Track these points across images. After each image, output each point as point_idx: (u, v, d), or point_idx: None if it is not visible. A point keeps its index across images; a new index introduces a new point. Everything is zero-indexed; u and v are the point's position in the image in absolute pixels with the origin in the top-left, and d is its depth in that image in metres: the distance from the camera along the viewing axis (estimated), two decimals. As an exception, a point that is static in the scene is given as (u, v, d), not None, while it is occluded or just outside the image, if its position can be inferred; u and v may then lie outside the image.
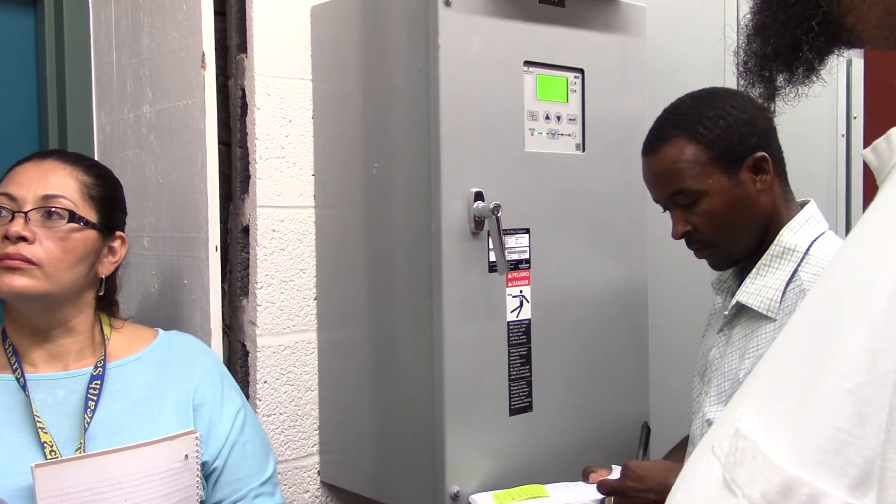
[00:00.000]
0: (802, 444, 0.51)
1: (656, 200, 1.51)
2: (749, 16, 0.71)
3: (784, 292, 1.38)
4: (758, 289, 1.41)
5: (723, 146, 1.41)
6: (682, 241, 1.48)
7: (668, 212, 1.49)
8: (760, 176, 1.42)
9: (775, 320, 1.38)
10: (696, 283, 2.12)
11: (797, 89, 0.71)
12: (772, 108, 1.44)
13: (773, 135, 1.46)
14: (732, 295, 1.48)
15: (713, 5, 2.06)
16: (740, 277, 1.49)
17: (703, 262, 1.50)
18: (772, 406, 0.55)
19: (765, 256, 1.42)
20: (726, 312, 1.48)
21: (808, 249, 1.40)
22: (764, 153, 1.42)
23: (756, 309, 1.40)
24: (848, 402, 0.50)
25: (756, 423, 0.54)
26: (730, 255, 1.47)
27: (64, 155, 1.41)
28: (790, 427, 0.53)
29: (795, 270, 1.39)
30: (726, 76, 2.16)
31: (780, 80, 0.70)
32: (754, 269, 1.43)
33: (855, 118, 2.81)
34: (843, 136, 2.79)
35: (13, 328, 1.34)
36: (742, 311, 1.45)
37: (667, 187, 1.45)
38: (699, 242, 1.46)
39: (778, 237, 1.42)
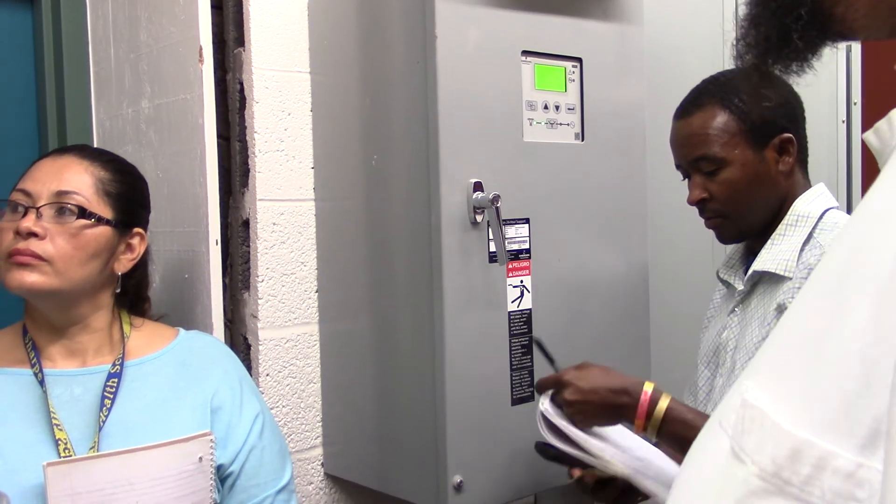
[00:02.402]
0: (811, 408, 0.52)
1: (678, 165, 1.53)
2: (744, 6, 0.71)
3: (800, 253, 1.40)
4: (774, 255, 1.43)
5: (754, 120, 1.44)
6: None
7: (686, 181, 1.51)
8: (784, 157, 1.44)
9: (791, 279, 1.39)
10: (697, 272, 2.12)
11: (791, 79, 0.71)
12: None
13: (803, 123, 1.48)
14: (742, 279, 1.49)
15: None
16: (748, 261, 1.50)
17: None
18: (779, 375, 0.55)
19: (779, 227, 1.44)
20: (740, 289, 1.49)
21: (821, 216, 1.41)
22: (791, 136, 1.44)
23: (773, 271, 1.41)
24: (855, 364, 0.50)
25: (763, 393, 0.55)
26: (740, 228, 1.49)
27: (83, 150, 1.39)
28: (798, 392, 0.53)
29: (810, 235, 1.41)
30: (724, 64, 2.16)
31: (777, 70, 0.70)
32: (769, 241, 1.45)
33: (855, 104, 2.81)
34: (843, 121, 2.79)
35: (32, 324, 1.34)
36: (757, 284, 1.46)
37: (692, 151, 1.48)
38: (712, 212, 1.49)
39: (791, 208, 1.44)
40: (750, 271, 1.46)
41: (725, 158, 1.44)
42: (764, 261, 1.44)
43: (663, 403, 1.30)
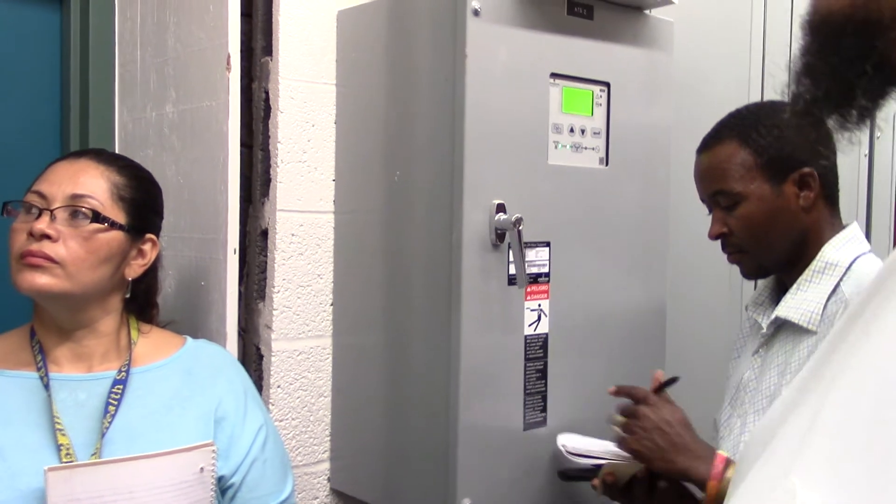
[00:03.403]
0: None
1: (702, 199, 1.52)
2: (797, 55, 0.66)
3: (825, 306, 1.37)
4: (798, 303, 1.40)
5: (771, 154, 1.42)
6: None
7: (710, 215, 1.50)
8: (805, 192, 1.42)
9: (815, 333, 1.37)
10: (717, 302, 2.10)
11: (850, 135, 0.66)
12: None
13: (831, 156, 1.46)
14: (768, 318, 1.47)
15: (740, 22, 2.05)
16: (777, 299, 1.48)
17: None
18: (839, 485, 0.49)
19: (806, 272, 1.42)
20: (764, 331, 1.47)
21: (850, 265, 1.39)
22: (812, 170, 1.41)
23: (796, 322, 1.39)
24: None
25: (814, 493, 0.49)
26: (760, 263, 1.48)
27: (99, 154, 1.39)
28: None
29: (837, 285, 1.38)
30: (750, 92, 2.15)
31: (831, 123, 0.65)
32: (795, 285, 1.42)
33: (878, 137, 2.79)
34: (865, 155, 2.77)
35: (41, 326, 1.33)
36: (780, 328, 1.44)
37: (710, 185, 1.47)
38: (732, 247, 1.47)
39: (820, 253, 1.42)
40: (773, 316, 1.44)
41: (742, 193, 1.43)
42: (788, 307, 1.41)
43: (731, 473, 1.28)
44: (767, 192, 1.42)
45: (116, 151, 1.85)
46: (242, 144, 1.66)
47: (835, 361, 0.55)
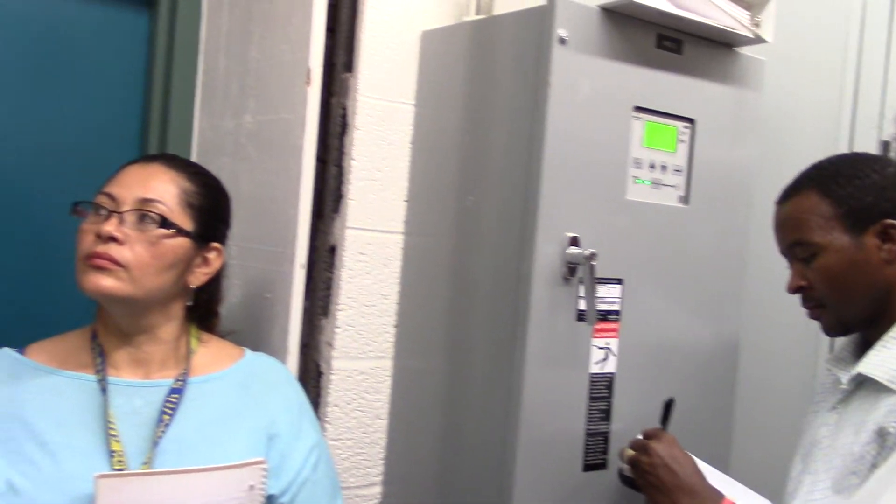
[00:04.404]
0: None
1: (781, 252, 1.47)
2: None
3: None
4: (882, 360, 1.34)
5: (851, 205, 1.36)
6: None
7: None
8: (888, 245, 1.35)
9: None
10: (793, 352, 2.02)
11: None
12: None
13: None
14: (848, 374, 1.40)
15: (833, 66, 1.98)
16: (859, 354, 1.41)
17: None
18: None
19: (892, 329, 1.35)
20: (843, 386, 1.40)
21: None
22: (894, 221, 1.35)
23: (878, 379, 1.33)
24: None
25: None
26: (840, 319, 1.41)
27: (171, 160, 1.39)
28: None
29: None
30: (839, 138, 2.06)
31: None
32: (879, 342, 1.36)
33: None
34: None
35: (103, 328, 1.33)
36: (861, 385, 1.38)
37: (788, 236, 1.42)
38: (812, 301, 1.42)
39: None
40: (854, 372, 1.37)
41: (820, 244, 1.37)
42: (871, 364, 1.35)
43: None
44: (847, 243, 1.37)
45: (194, 158, 1.86)
46: (317, 159, 1.65)
47: None
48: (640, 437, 1.50)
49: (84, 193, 1.34)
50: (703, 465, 1.47)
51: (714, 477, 1.46)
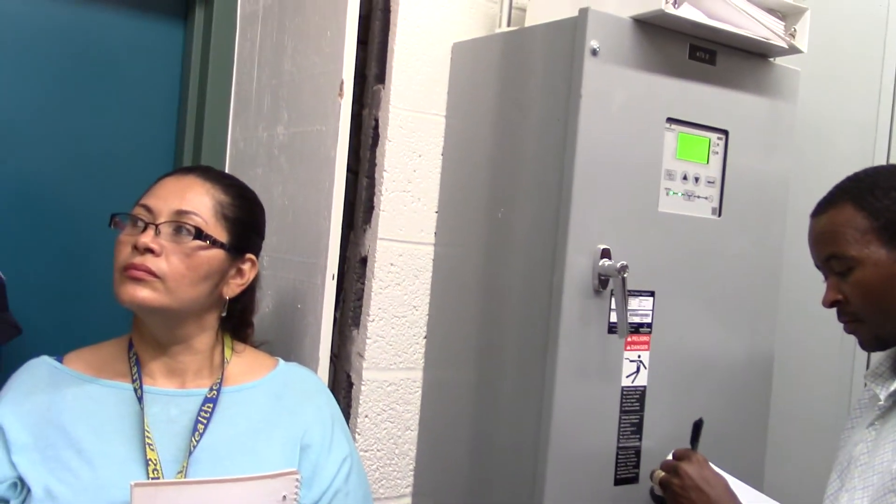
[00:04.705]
0: None
1: (816, 266, 1.44)
2: None
3: None
4: None
5: (888, 217, 1.34)
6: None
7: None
8: None
9: None
10: (828, 366, 1.99)
11: None
12: None
13: None
14: (887, 390, 1.38)
15: (869, 73, 1.96)
16: None
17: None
18: None
19: None
20: (882, 402, 1.38)
21: None
22: None
23: None
24: None
25: None
26: (877, 334, 1.39)
27: (206, 172, 1.40)
28: None
29: None
30: (876, 151, 2.04)
31: None
32: None
33: None
34: None
35: (139, 338, 1.35)
36: None
37: (823, 250, 1.40)
38: (848, 315, 1.39)
39: None
40: (892, 388, 1.35)
41: (856, 257, 1.35)
42: None
43: None
44: (884, 257, 1.34)
45: (227, 169, 1.88)
46: (349, 170, 1.66)
47: None
48: (671, 457, 1.49)
49: (120, 204, 1.36)
50: (735, 483, 1.45)
51: (747, 495, 1.44)
